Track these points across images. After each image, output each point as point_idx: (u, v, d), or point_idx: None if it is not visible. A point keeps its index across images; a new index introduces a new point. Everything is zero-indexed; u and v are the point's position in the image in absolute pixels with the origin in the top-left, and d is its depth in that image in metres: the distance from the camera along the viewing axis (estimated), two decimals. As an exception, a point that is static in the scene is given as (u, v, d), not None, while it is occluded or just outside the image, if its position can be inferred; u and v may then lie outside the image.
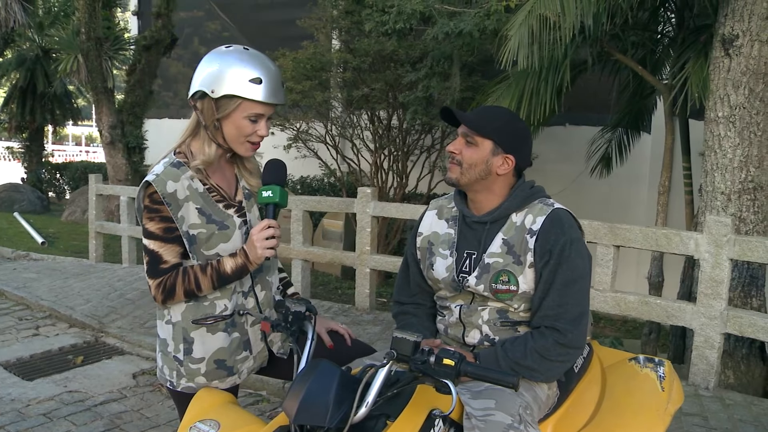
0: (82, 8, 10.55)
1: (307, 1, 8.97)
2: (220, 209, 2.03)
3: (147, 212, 1.94)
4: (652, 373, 2.11)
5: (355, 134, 8.37)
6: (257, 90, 1.92)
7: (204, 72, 1.95)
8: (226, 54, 1.97)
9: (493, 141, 1.97)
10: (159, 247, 1.93)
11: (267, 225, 1.93)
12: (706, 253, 3.90)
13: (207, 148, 1.99)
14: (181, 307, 2.01)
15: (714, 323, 3.90)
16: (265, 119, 1.99)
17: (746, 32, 4.20)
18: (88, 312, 5.80)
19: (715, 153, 4.37)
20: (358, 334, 4.94)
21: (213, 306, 2.02)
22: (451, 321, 2.07)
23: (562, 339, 1.87)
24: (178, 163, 1.98)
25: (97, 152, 28.71)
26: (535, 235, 1.93)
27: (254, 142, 2.02)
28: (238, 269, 1.96)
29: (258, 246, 1.93)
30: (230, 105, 1.93)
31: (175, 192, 1.93)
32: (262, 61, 1.97)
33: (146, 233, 1.94)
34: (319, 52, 7.87)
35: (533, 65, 4.44)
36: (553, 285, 1.90)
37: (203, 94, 1.94)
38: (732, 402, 3.77)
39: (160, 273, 1.94)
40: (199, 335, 2.02)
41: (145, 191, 1.93)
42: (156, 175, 1.93)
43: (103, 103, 11.31)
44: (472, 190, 2.04)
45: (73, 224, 12.40)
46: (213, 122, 1.97)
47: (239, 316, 2.06)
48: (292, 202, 5.79)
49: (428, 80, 6.53)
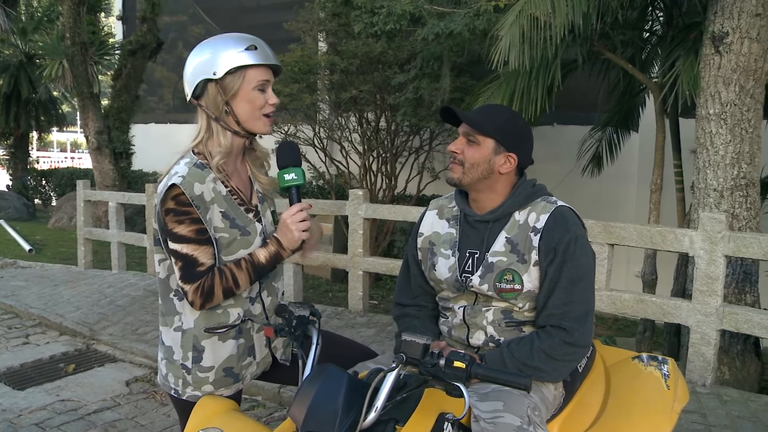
0: (67, 13, 10.47)
1: (293, 4, 8.95)
2: (243, 213, 2.00)
3: (174, 215, 1.86)
4: (656, 372, 2.09)
5: (343, 137, 8.35)
6: (256, 55, 1.92)
7: (196, 64, 1.93)
8: (210, 42, 1.96)
9: (495, 140, 1.96)
10: (193, 250, 1.86)
11: (299, 208, 1.94)
12: (700, 250, 3.90)
13: (223, 139, 1.95)
14: (194, 314, 1.96)
15: (710, 320, 3.90)
16: (270, 86, 1.98)
17: (736, 29, 4.21)
18: (79, 319, 5.73)
19: (707, 150, 4.38)
20: (352, 337, 4.91)
21: (227, 314, 1.98)
22: (455, 322, 2.04)
23: (568, 338, 1.85)
24: (201, 164, 1.93)
25: (83, 158, 28.54)
26: (540, 232, 1.92)
27: (268, 113, 1.98)
28: (272, 258, 1.94)
29: (294, 229, 1.92)
30: (236, 80, 1.91)
31: (202, 194, 1.89)
32: (246, 35, 1.99)
33: (176, 237, 1.86)
34: (306, 55, 7.84)
35: (524, 65, 4.44)
36: (559, 283, 1.88)
37: (205, 82, 1.91)
38: (729, 398, 3.77)
39: (198, 276, 1.87)
40: (210, 344, 1.97)
41: (169, 194, 1.86)
42: (182, 177, 1.86)
43: (89, 109, 11.24)
44: (475, 189, 2.02)
45: (60, 231, 12.29)
46: (222, 108, 1.93)
47: (244, 323, 2.02)
48: (282, 205, 5.74)
49: (418, 81, 6.52)
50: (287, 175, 1.93)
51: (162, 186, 1.89)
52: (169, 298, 1.99)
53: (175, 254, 1.87)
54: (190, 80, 1.94)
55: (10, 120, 15.65)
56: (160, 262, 1.99)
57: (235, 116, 1.94)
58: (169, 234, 1.87)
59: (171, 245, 1.87)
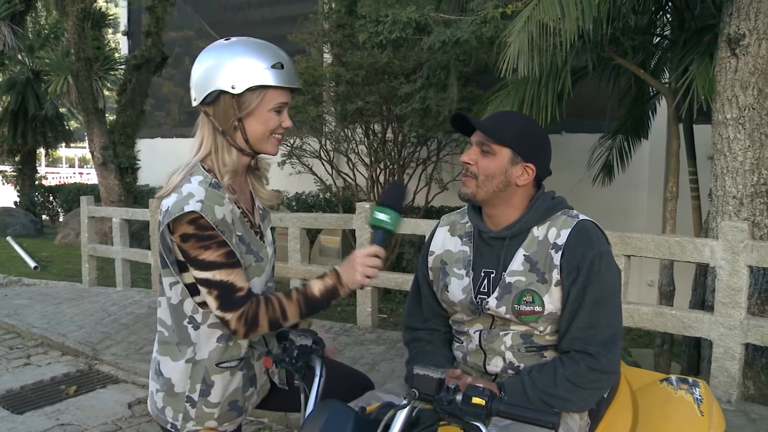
0: (71, 29, 10.41)
1: (297, 17, 8.87)
2: (256, 238, 1.87)
3: (197, 241, 1.69)
4: (688, 396, 1.95)
5: (350, 148, 8.26)
6: (281, 76, 1.76)
7: (212, 69, 1.76)
8: (232, 46, 1.79)
9: (511, 149, 1.81)
10: (228, 275, 1.71)
11: (375, 252, 1.78)
12: (722, 261, 3.75)
13: (227, 156, 1.79)
14: (210, 345, 1.81)
15: (734, 333, 3.74)
16: (287, 108, 1.84)
17: (753, 31, 4.07)
18: (81, 339, 5.62)
19: (725, 156, 4.23)
20: (362, 354, 4.77)
21: (238, 347, 1.84)
22: (471, 348, 1.89)
23: (595, 364, 1.70)
24: (216, 183, 1.78)
25: (91, 174, 28.51)
26: (561, 249, 1.77)
27: (280, 134, 1.85)
28: (327, 292, 1.79)
29: (359, 270, 1.77)
30: (254, 98, 1.75)
31: (224, 218, 1.74)
32: (272, 47, 1.82)
33: (205, 265, 1.70)
34: (311, 67, 7.76)
35: (533, 72, 4.31)
36: (583, 304, 1.73)
37: (219, 93, 1.75)
38: (757, 416, 3.61)
39: (239, 302, 1.72)
40: (221, 379, 1.83)
41: (185, 218, 1.69)
42: (200, 202, 1.70)
43: (94, 124, 11.16)
44: (490, 204, 1.87)
45: (67, 247, 12.21)
46: (233, 124, 1.78)
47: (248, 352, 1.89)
48: (288, 219, 5.64)
49: (425, 91, 6.40)
50: (381, 214, 1.76)
51: (174, 207, 1.70)
52: (182, 326, 1.82)
53: (207, 283, 1.72)
54: (202, 85, 1.78)
55: (18, 136, 15.64)
56: (171, 285, 1.82)
57: (244, 134, 1.79)
58: (194, 262, 1.72)
59: (200, 274, 1.71)
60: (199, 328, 1.81)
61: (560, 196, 1.89)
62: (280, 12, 12.10)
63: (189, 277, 1.78)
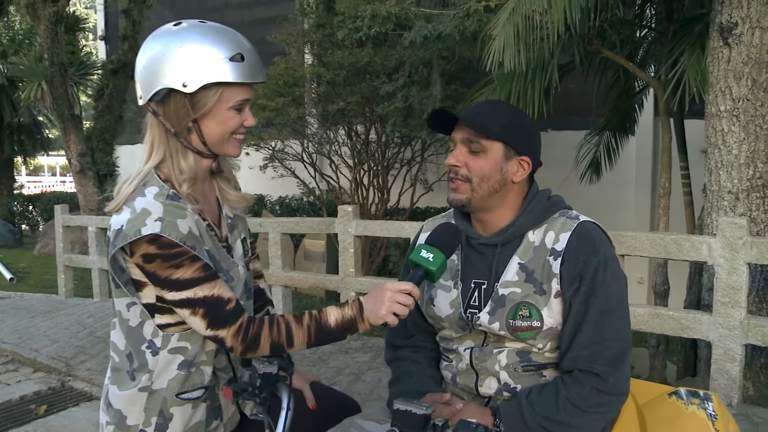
0: (44, 33, 10.16)
1: (276, 18, 8.69)
2: (225, 253, 1.65)
3: (164, 261, 1.47)
4: (701, 411, 1.76)
5: (332, 150, 8.10)
6: (241, 69, 1.52)
7: (161, 62, 1.51)
8: (182, 33, 1.53)
9: (504, 143, 1.61)
10: (212, 289, 1.50)
11: (409, 290, 1.53)
12: (720, 258, 3.59)
13: (183, 161, 1.57)
14: (170, 373, 1.59)
15: (734, 334, 3.58)
16: (249, 105, 1.61)
17: (746, 19, 3.92)
18: (55, 354, 5.38)
19: (719, 150, 4.08)
20: (347, 363, 4.58)
21: (201, 374, 1.62)
22: (461, 367, 1.69)
23: (602, 385, 1.51)
24: (174, 194, 1.55)
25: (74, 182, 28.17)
26: (561, 256, 1.58)
27: (241, 134, 1.63)
28: (344, 324, 1.55)
29: (386, 305, 1.52)
30: (210, 97, 1.52)
31: (190, 230, 1.52)
32: (231, 33, 1.57)
33: (182, 284, 1.48)
34: (291, 67, 7.60)
35: (520, 66, 4.15)
36: (587, 317, 1.54)
37: (169, 91, 1.52)
38: (760, 420, 3.45)
39: (232, 315, 1.51)
40: (181, 411, 1.61)
41: (144, 240, 1.47)
42: (160, 220, 1.47)
43: (71, 131, 10.92)
44: (485, 208, 1.66)
45: (46, 257, 11.93)
46: (186, 125, 1.55)
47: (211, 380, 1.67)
48: (268, 224, 5.45)
49: (407, 89, 6.23)
50: (426, 253, 1.54)
51: (129, 228, 1.47)
52: (140, 351, 1.60)
53: (188, 303, 1.50)
54: (148, 81, 1.54)
55: (-7, 145, 15.34)
56: (129, 306, 1.60)
57: (201, 136, 1.57)
58: (166, 283, 1.49)
59: (178, 295, 1.49)
60: (158, 354, 1.59)
61: (557, 195, 1.70)
62: (258, 14, 11.92)
63: (148, 297, 1.57)
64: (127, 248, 1.50)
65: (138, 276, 1.54)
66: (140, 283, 1.55)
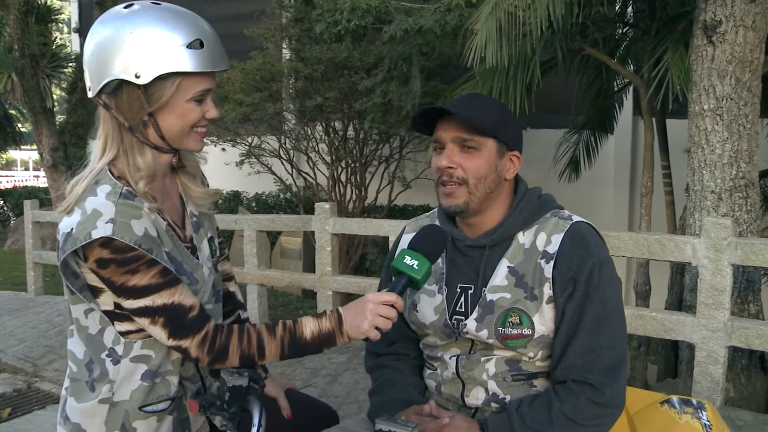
0: (13, 23, 9.88)
1: (254, 13, 8.54)
2: (188, 254, 1.52)
3: (119, 266, 1.35)
4: (695, 421, 1.69)
5: (310, 147, 7.98)
6: (201, 57, 1.38)
7: (111, 50, 1.37)
8: (133, 17, 1.38)
9: (496, 139, 1.51)
10: (172, 296, 1.38)
11: (392, 301, 1.42)
12: (705, 259, 3.53)
13: (140, 158, 1.44)
14: (132, 384, 1.47)
15: (717, 336, 3.53)
16: (211, 94, 1.47)
17: (729, 17, 3.88)
18: (22, 354, 5.21)
19: (703, 149, 4.04)
20: (323, 364, 4.48)
21: (167, 384, 1.50)
22: (446, 376, 1.59)
23: (597, 397, 1.42)
24: (129, 192, 1.42)
25: (46, 177, 27.73)
26: (553, 259, 1.49)
27: (203, 127, 1.50)
28: (321, 337, 1.45)
29: (368, 318, 1.41)
30: (167, 88, 1.39)
31: (146, 232, 1.39)
32: (188, 16, 1.43)
33: (138, 291, 1.36)
34: (268, 62, 7.44)
35: (502, 62, 4.07)
36: (581, 324, 1.45)
37: (120, 83, 1.38)
38: (743, 423, 3.41)
39: (195, 326, 1.40)
40: (146, 425, 1.49)
41: (96, 244, 1.34)
42: (111, 222, 1.34)
43: (43, 124, 10.64)
44: (480, 211, 1.55)
45: (17, 253, 11.66)
46: (141, 119, 1.42)
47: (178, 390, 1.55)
48: (243, 221, 5.32)
49: (386, 85, 6.12)
50: (410, 259, 1.42)
51: (79, 231, 1.34)
52: (100, 360, 1.48)
53: (147, 312, 1.39)
54: (97, 71, 1.40)
55: (-39, 139, 15.00)
56: (87, 313, 1.48)
57: (158, 130, 1.45)
58: (122, 290, 1.37)
59: (135, 303, 1.38)
60: (120, 363, 1.47)
61: (548, 194, 1.61)
62: (237, 8, 11.73)
63: (106, 303, 1.45)
64: (80, 252, 1.38)
65: (94, 281, 1.42)
66: (97, 288, 1.43)
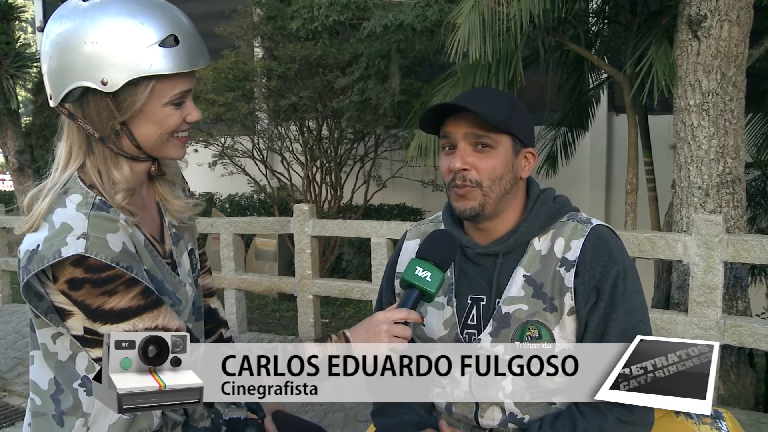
0: (-26, 21, 9.62)
1: (225, 11, 8.37)
2: (170, 272, 1.37)
3: (95, 287, 1.19)
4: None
5: (284, 147, 7.84)
6: (176, 56, 1.21)
7: (71, 53, 1.19)
8: (93, 12, 1.18)
9: (511, 135, 1.39)
10: (155, 319, 1.23)
11: (407, 315, 1.28)
12: (696, 257, 3.48)
13: (115, 170, 1.28)
14: (110, 417, 1.31)
15: (710, 334, 3.47)
16: (191, 96, 1.31)
17: (714, 12, 3.83)
18: (-11, 367, 5.02)
19: (689, 145, 3.99)
20: (306, 370, 4.33)
21: (148, 417, 1.34)
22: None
23: (626, 415, 1.31)
24: (102, 202, 1.26)
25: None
26: (574, 267, 1.37)
27: (185, 131, 1.33)
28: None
29: (385, 339, 1.25)
30: (139, 94, 1.22)
31: (124, 247, 1.23)
32: (162, 10, 1.24)
33: (117, 316, 1.20)
34: (241, 61, 7.29)
35: (485, 57, 3.98)
36: (606, 336, 1.34)
37: (85, 90, 1.21)
38: (738, 421, 3.34)
39: None
40: None
41: (67, 262, 1.18)
42: (84, 238, 1.19)
43: (7, 126, 10.40)
44: (495, 214, 1.43)
45: (-18, 260, 11.33)
46: (113, 129, 1.25)
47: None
48: (220, 225, 5.17)
49: (364, 82, 5.99)
50: (422, 270, 1.28)
51: (46, 248, 1.18)
52: (71, 389, 1.31)
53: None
54: (57, 78, 1.22)
55: None
56: (54, 338, 1.30)
57: (133, 139, 1.28)
58: (99, 315, 1.21)
59: (114, 328, 1.21)
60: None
61: (563, 195, 1.49)
62: (207, 6, 11.52)
63: (76, 328, 1.27)
64: (48, 272, 1.21)
65: (61, 303, 1.25)
66: (65, 311, 1.26)
